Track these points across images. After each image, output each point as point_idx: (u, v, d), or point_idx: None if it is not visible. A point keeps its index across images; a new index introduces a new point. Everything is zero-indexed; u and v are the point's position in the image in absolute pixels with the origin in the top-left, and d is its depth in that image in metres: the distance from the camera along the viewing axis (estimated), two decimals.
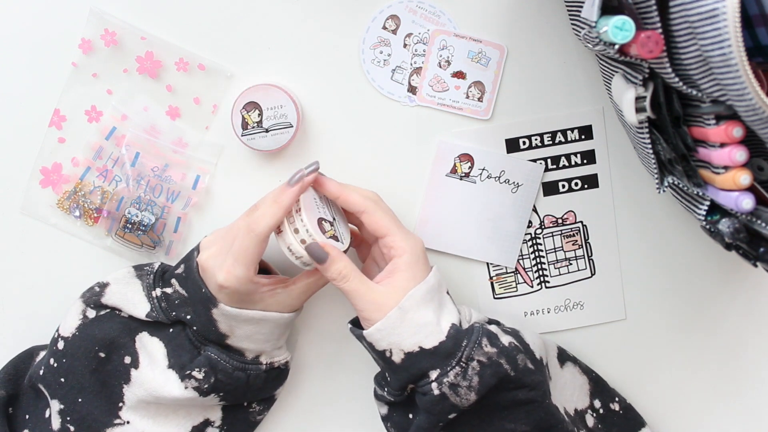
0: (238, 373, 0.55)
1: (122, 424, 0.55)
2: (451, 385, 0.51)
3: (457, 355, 0.51)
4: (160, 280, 0.56)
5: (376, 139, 0.63)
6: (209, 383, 0.54)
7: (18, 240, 0.63)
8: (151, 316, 0.55)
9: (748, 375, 0.65)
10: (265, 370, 0.56)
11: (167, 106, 0.62)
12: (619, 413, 0.62)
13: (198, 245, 0.55)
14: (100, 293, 0.56)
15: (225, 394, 0.55)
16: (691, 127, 0.48)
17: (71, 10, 0.61)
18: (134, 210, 0.62)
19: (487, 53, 0.61)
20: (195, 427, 0.57)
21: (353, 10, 0.61)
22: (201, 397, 0.54)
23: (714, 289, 0.65)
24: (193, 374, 0.54)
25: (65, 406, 0.55)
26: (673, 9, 0.42)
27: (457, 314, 0.55)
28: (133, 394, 0.55)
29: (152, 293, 0.55)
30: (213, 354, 0.54)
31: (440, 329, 0.52)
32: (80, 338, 0.55)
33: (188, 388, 0.54)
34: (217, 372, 0.54)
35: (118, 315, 0.56)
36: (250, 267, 0.52)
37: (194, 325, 0.54)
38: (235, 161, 0.63)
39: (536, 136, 0.62)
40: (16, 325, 0.62)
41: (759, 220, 0.46)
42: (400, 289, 0.52)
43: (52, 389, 0.55)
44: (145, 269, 0.57)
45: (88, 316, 0.56)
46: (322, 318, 0.64)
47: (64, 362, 0.55)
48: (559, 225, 0.64)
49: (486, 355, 0.52)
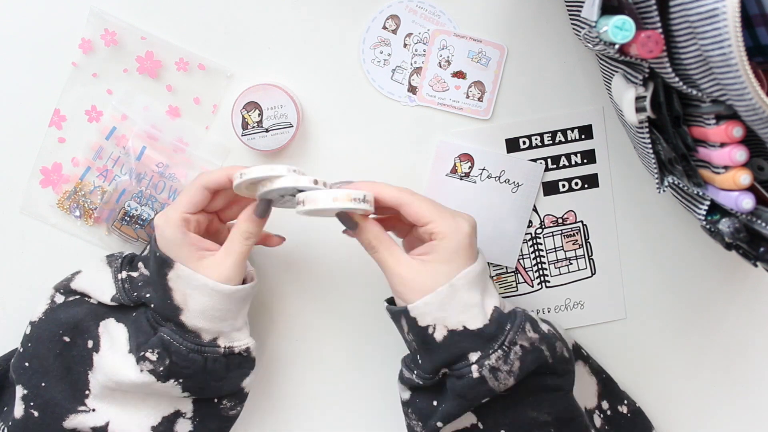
0: (194, 355, 0.53)
1: (87, 411, 0.54)
2: (491, 369, 0.50)
3: (500, 338, 0.51)
4: (127, 264, 0.57)
5: (376, 139, 0.63)
6: (164, 365, 0.53)
7: (18, 240, 0.63)
8: (116, 299, 0.55)
9: (747, 375, 0.65)
10: (223, 354, 0.54)
11: (167, 105, 0.62)
12: (627, 416, 0.62)
13: None
14: (70, 279, 0.57)
15: (185, 380, 0.54)
16: (691, 127, 0.48)
17: (71, 10, 0.61)
18: (134, 204, 0.62)
19: (487, 53, 0.61)
20: (165, 418, 0.56)
21: (353, 10, 0.61)
22: (159, 383, 0.53)
23: (714, 289, 0.65)
24: (146, 355, 0.53)
25: (28, 390, 0.54)
26: (673, 9, 0.42)
27: (498, 298, 0.54)
28: (97, 381, 0.54)
29: (118, 276, 0.56)
30: (166, 335, 0.53)
31: (484, 312, 0.52)
32: (46, 322, 0.55)
33: (144, 371, 0.53)
34: (171, 353, 0.53)
35: (87, 301, 0.56)
36: (182, 211, 0.52)
37: (152, 302, 0.54)
38: (235, 161, 0.63)
39: (536, 136, 0.62)
40: (17, 325, 0.62)
41: (759, 219, 0.46)
42: (433, 271, 0.51)
43: (17, 374, 0.55)
44: (115, 256, 0.58)
45: (56, 301, 0.56)
46: (318, 315, 0.64)
47: (29, 346, 0.55)
48: (559, 225, 0.64)
49: (529, 340, 0.51)
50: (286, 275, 0.64)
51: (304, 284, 0.64)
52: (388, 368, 0.64)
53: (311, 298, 0.64)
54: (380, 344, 0.64)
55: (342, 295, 0.64)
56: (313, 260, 0.64)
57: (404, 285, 0.52)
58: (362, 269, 0.63)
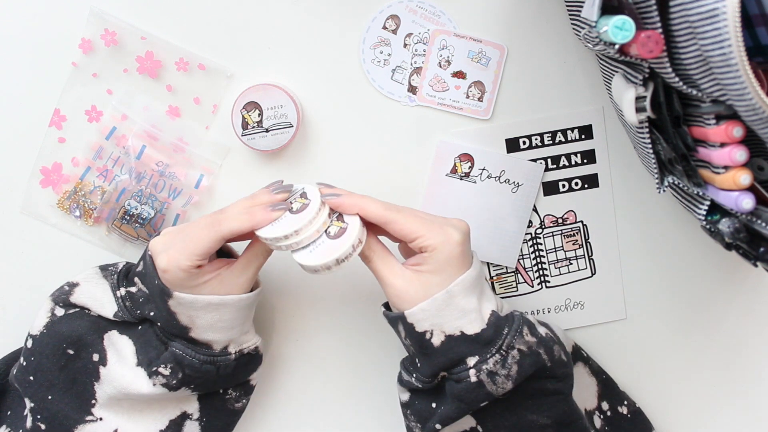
0: (207, 366, 0.54)
1: (95, 420, 0.54)
2: (489, 373, 0.50)
3: (497, 343, 0.51)
4: (124, 279, 0.56)
5: (376, 139, 0.63)
6: (177, 378, 0.53)
7: (18, 240, 0.63)
8: (118, 317, 0.55)
9: (747, 375, 0.65)
10: (235, 359, 0.55)
11: (167, 105, 0.62)
12: (627, 417, 0.62)
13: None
14: (69, 292, 0.56)
15: (196, 386, 0.55)
16: (691, 127, 0.48)
17: (71, 10, 0.61)
18: (134, 203, 0.62)
19: (487, 53, 0.61)
20: (172, 421, 0.57)
21: (353, 10, 0.61)
22: (171, 392, 0.54)
23: (714, 289, 0.65)
24: (159, 371, 0.53)
25: (35, 404, 0.54)
26: (673, 9, 0.42)
27: (495, 301, 0.54)
28: (104, 392, 0.54)
29: (117, 293, 0.55)
30: (178, 349, 0.53)
31: (482, 317, 0.52)
32: (48, 336, 0.55)
33: (156, 385, 0.53)
34: (184, 367, 0.53)
35: (87, 314, 0.56)
36: (195, 259, 0.50)
37: (158, 321, 0.54)
38: (235, 161, 0.63)
39: (536, 136, 0.62)
40: (17, 326, 0.62)
41: (759, 219, 0.46)
42: (426, 282, 0.51)
43: (23, 388, 0.55)
44: (109, 269, 0.57)
45: (57, 314, 0.56)
46: (316, 312, 0.64)
47: (32, 360, 0.55)
48: (559, 225, 0.64)
49: (526, 344, 0.51)
50: (288, 275, 0.64)
51: (307, 284, 0.64)
52: (388, 368, 0.64)
53: (313, 297, 0.64)
54: (381, 344, 0.64)
55: (343, 295, 0.64)
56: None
57: (398, 296, 0.52)
58: (364, 269, 0.63)
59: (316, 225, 0.51)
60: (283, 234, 0.50)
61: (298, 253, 0.51)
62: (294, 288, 0.64)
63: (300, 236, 0.50)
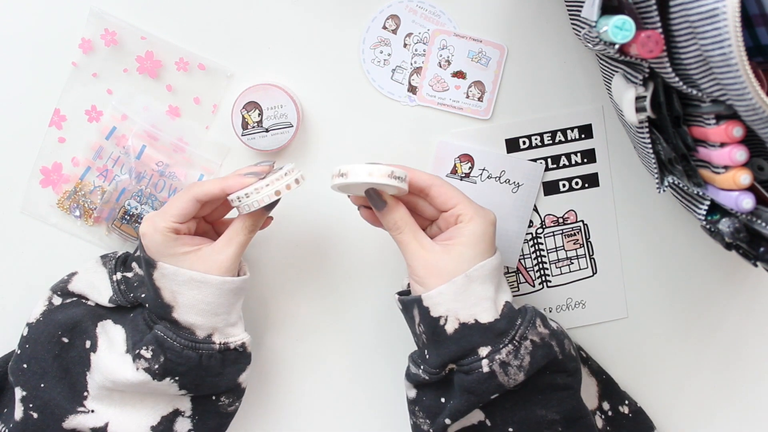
0: (188, 352, 0.53)
1: (86, 412, 0.54)
2: (501, 363, 0.50)
3: (511, 333, 0.51)
4: (121, 265, 0.57)
5: (376, 139, 0.63)
6: (159, 363, 0.53)
7: (18, 240, 0.63)
8: (113, 301, 0.55)
9: (748, 374, 0.66)
10: (219, 350, 0.54)
11: (167, 105, 0.62)
12: (629, 416, 0.62)
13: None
14: (67, 281, 0.57)
15: (180, 378, 0.54)
16: (691, 127, 0.48)
17: (71, 10, 0.61)
18: (134, 202, 0.62)
19: (487, 53, 0.61)
20: (164, 417, 0.56)
21: (353, 10, 0.61)
22: (155, 381, 0.53)
23: (714, 289, 0.65)
24: (141, 353, 0.53)
25: (27, 392, 0.54)
26: (673, 9, 0.42)
27: (510, 295, 0.54)
28: (95, 382, 0.54)
29: (113, 278, 0.56)
30: (160, 332, 0.53)
31: (496, 306, 0.52)
32: (44, 323, 0.55)
33: (139, 369, 0.53)
34: (165, 350, 0.53)
35: (84, 303, 0.56)
36: (170, 220, 0.52)
37: (146, 302, 0.54)
38: (235, 161, 0.63)
39: (536, 136, 0.62)
40: (16, 325, 0.62)
41: (759, 219, 0.46)
42: (457, 255, 0.52)
43: (15, 376, 0.55)
44: (109, 256, 0.58)
45: (54, 303, 0.56)
46: (314, 312, 0.64)
47: (27, 348, 0.55)
48: (560, 224, 0.64)
49: (539, 335, 0.52)
50: (283, 272, 0.64)
51: (302, 281, 0.64)
52: (388, 367, 0.64)
53: (309, 295, 0.64)
54: (379, 343, 0.64)
55: (340, 292, 0.64)
56: (311, 258, 0.64)
57: (426, 268, 0.52)
58: (361, 267, 0.64)
59: (278, 185, 0.52)
60: (245, 193, 0.52)
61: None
62: (289, 284, 0.64)
63: (260, 194, 0.52)
